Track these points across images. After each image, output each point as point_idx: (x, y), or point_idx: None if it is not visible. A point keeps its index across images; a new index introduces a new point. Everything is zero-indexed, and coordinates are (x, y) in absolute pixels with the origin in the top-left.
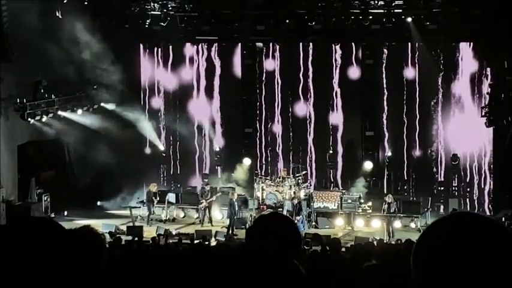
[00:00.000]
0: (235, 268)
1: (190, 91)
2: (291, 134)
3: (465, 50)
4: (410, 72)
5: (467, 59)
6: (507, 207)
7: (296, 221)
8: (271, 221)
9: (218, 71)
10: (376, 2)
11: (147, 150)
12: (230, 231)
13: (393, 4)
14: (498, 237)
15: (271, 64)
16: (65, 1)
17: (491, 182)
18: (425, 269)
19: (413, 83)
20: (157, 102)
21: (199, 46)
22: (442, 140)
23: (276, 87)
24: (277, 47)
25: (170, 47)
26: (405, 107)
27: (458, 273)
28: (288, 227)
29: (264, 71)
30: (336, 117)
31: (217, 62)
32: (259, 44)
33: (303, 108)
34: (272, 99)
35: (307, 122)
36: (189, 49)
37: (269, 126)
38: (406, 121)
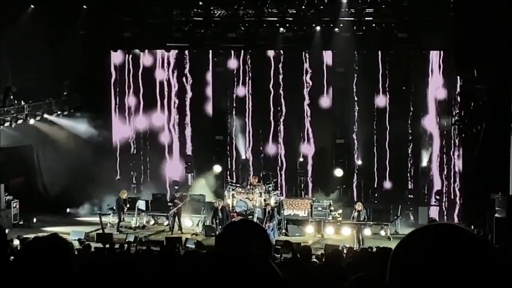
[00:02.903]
0: (206, 275)
1: (161, 97)
2: (261, 144)
3: (435, 59)
4: (381, 80)
5: (436, 68)
6: (476, 216)
7: (267, 228)
8: (241, 228)
9: (189, 78)
10: (347, 10)
11: (118, 157)
12: None
13: (364, 12)
14: (473, 248)
15: (242, 73)
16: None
17: (461, 191)
18: (401, 274)
19: (384, 90)
20: (128, 105)
21: (170, 53)
22: (412, 148)
23: (247, 97)
24: (248, 56)
25: (141, 53)
26: (376, 115)
27: (432, 281)
28: (258, 234)
29: (235, 83)
30: (307, 124)
31: (188, 70)
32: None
33: (273, 117)
34: (243, 108)
35: (278, 129)
36: (159, 55)
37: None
38: (376, 129)
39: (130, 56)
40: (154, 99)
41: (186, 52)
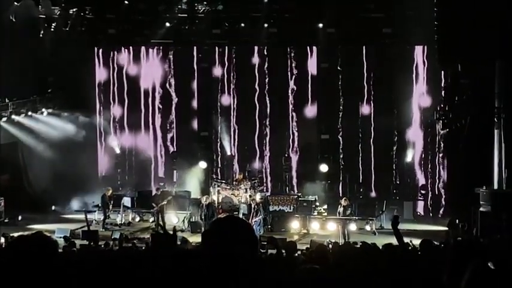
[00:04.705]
0: (193, 272)
1: (145, 94)
2: (246, 140)
3: (419, 54)
4: (365, 75)
5: (421, 63)
6: (461, 210)
7: (253, 224)
8: (227, 225)
9: (173, 75)
10: (330, 5)
11: (102, 155)
12: None
13: (348, 7)
14: None
15: (227, 69)
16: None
17: (445, 185)
18: None
19: (369, 86)
20: (112, 103)
21: (155, 49)
22: (397, 143)
23: (233, 93)
24: (233, 52)
25: (126, 50)
26: (360, 111)
27: None
28: (244, 230)
29: (219, 78)
30: (292, 121)
31: (172, 66)
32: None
33: (258, 114)
34: (228, 104)
35: (263, 126)
36: (144, 52)
37: (224, 129)
38: (361, 124)
39: (115, 53)
40: (138, 96)
41: (171, 49)
